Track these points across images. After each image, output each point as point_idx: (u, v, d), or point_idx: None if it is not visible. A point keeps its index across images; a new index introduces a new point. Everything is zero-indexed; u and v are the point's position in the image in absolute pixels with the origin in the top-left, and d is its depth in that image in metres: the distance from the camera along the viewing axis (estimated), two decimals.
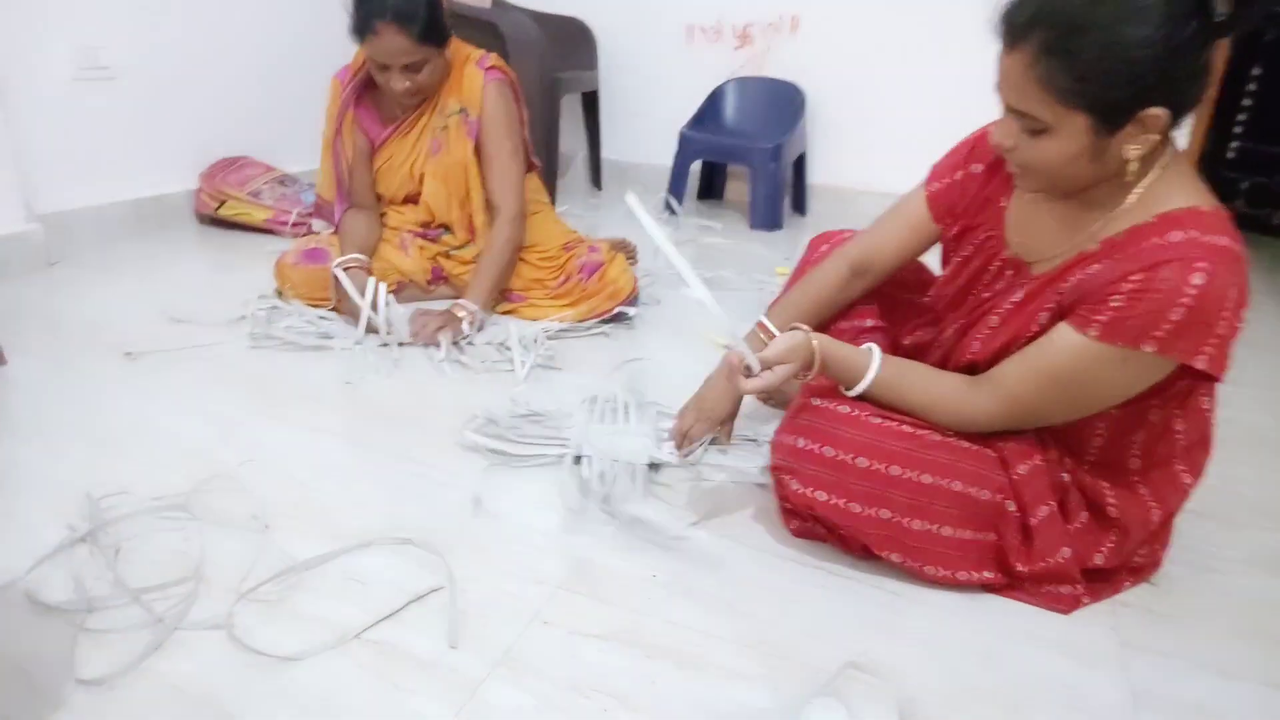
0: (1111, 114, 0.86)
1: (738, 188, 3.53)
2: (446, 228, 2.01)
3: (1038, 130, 0.89)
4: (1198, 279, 0.84)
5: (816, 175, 3.39)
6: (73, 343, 1.72)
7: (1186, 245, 0.86)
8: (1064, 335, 0.94)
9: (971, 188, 1.13)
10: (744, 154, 3.09)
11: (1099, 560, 1.05)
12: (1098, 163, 0.90)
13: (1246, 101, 3.41)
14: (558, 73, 3.10)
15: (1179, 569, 1.15)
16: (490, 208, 1.95)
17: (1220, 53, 2.70)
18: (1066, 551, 1.03)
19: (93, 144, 2.35)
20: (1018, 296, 1.03)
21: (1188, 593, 1.11)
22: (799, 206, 3.38)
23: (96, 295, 2.01)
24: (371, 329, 1.76)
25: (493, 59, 1.93)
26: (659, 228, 0.99)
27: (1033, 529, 1.03)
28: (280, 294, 1.94)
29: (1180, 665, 0.98)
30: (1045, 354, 0.96)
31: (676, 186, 3.17)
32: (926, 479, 1.01)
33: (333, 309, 1.87)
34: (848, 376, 1.07)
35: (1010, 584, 1.07)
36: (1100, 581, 1.08)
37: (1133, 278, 0.88)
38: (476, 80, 1.89)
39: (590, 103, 3.54)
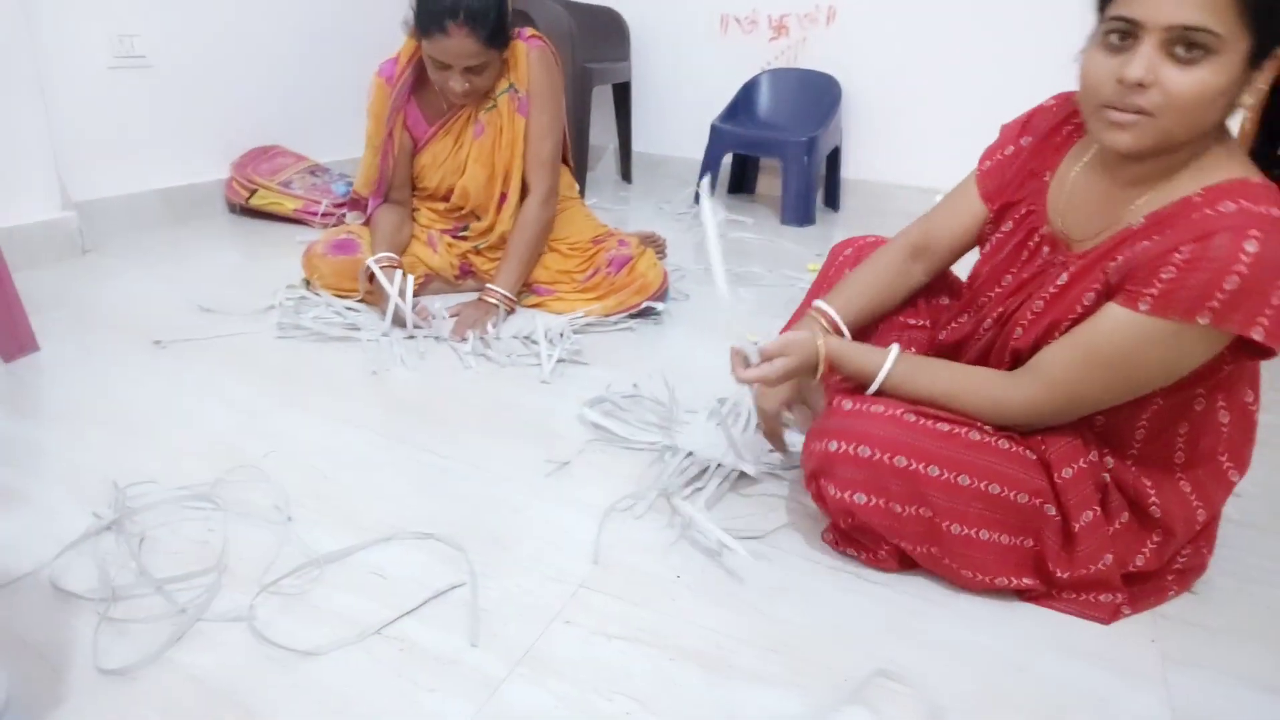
0: (1269, 43, 0.83)
1: (769, 182, 3.49)
2: (475, 215, 1.99)
3: (1192, 56, 0.82)
4: (1251, 246, 0.81)
5: (851, 170, 3.33)
6: (103, 330, 1.73)
7: (1238, 215, 0.83)
8: (1112, 314, 0.90)
9: (1017, 161, 1.09)
10: (776, 147, 3.04)
11: (1139, 562, 1.01)
12: (1228, 107, 0.87)
13: None
14: (589, 63, 3.07)
15: (1222, 579, 1.11)
16: (524, 187, 1.94)
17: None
18: (1109, 558, 0.99)
19: (127, 132, 2.37)
20: (1062, 280, 0.98)
21: (1231, 604, 1.07)
22: (832, 202, 3.33)
23: (127, 283, 2.02)
24: (399, 321, 1.76)
25: (530, 30, 1.92)
26: (715, 219, 1.02)
27: (1076, 535, 0.99)
28: (308, 284, 1.94)
29: (1223, 680, 0.94)
30: (1093, 335, 0.92)
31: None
32: (964, 480, 0.98)
33: (360, 300, 1.87)
34: (863, 375, 1.05)
35: (1048, 592, 1.04)
36: (1142, 587, 1.04)
37: (1184, 249, 0.84)
38: (522, 54, 1.87)
39: (622, 94, 3.51)
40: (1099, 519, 0.99)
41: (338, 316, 1.82)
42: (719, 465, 1.28)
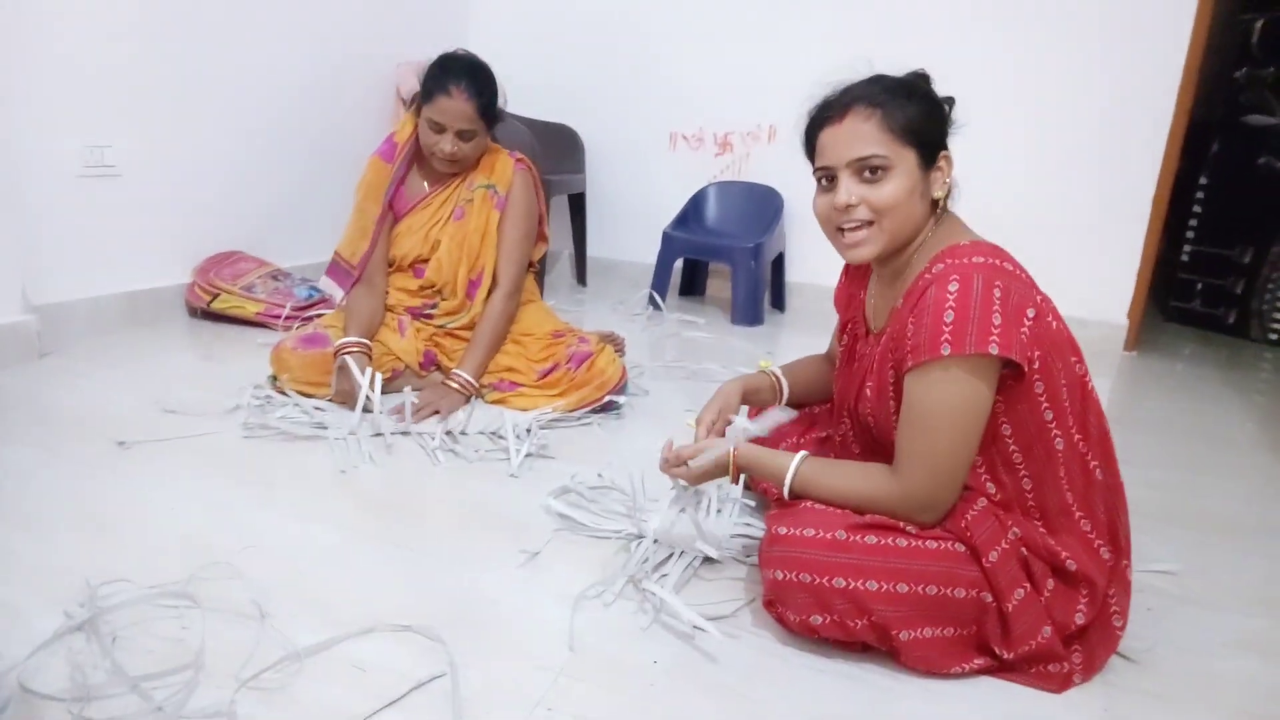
0: (930, 151, 1.12)
1: (719, 285, 3.65)
2: (442, 295, 2.10)
3: (877, 177, 1.10)
4: (953, 286, 1.03)
5: (795, 274, 3.51)
6: (64, 432, 1.72)
7: (945, 269, 1.06)
8: (907, 384, 1.09)
9: (844, 290, 1.39)
10: (725, 253, 3.20)
11: (1080, 620, 1.07)
12: (925, 199, 1.13)
13: (1196, 208, 3.62)
14: (548, 175, 3.22)
15: (1164, 649, 1.18)
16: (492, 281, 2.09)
17: (1170, 163, 2.89)
18: (1047, 630, 1.06)
19: (93, 238, 2.40)
20: (874, 358, 1.20)
21: (1176, 674, 1.13)
22: (778, 303, 3.49)
23: (88, 385, 2.02)
24: (368, 411, 1.80)
25: (521, 154, 2.13)
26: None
27: (1009, 615, 1.05)
28: (275, 382, 1.96)
29: None
30: (908, 409, 1.09)
31: (659, 283, 3.27)
32: (902, 588, 1.05)
33: (330, 399, 1.90)
34: (773, 479, 1.20)
35: (1001, 666, 1.09)
36: (1096, 638, 1.10)
37: (914, 311, 1.08)
38: (508, 166, 2.09)
39: (577, 203, 3.67)
40: (1030, 594, 1.06)
41: (305, 416, 1.84)
42: (682, 552, 1.32)
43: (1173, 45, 2.83)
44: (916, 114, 1.11)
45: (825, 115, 1.15)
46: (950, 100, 1.17)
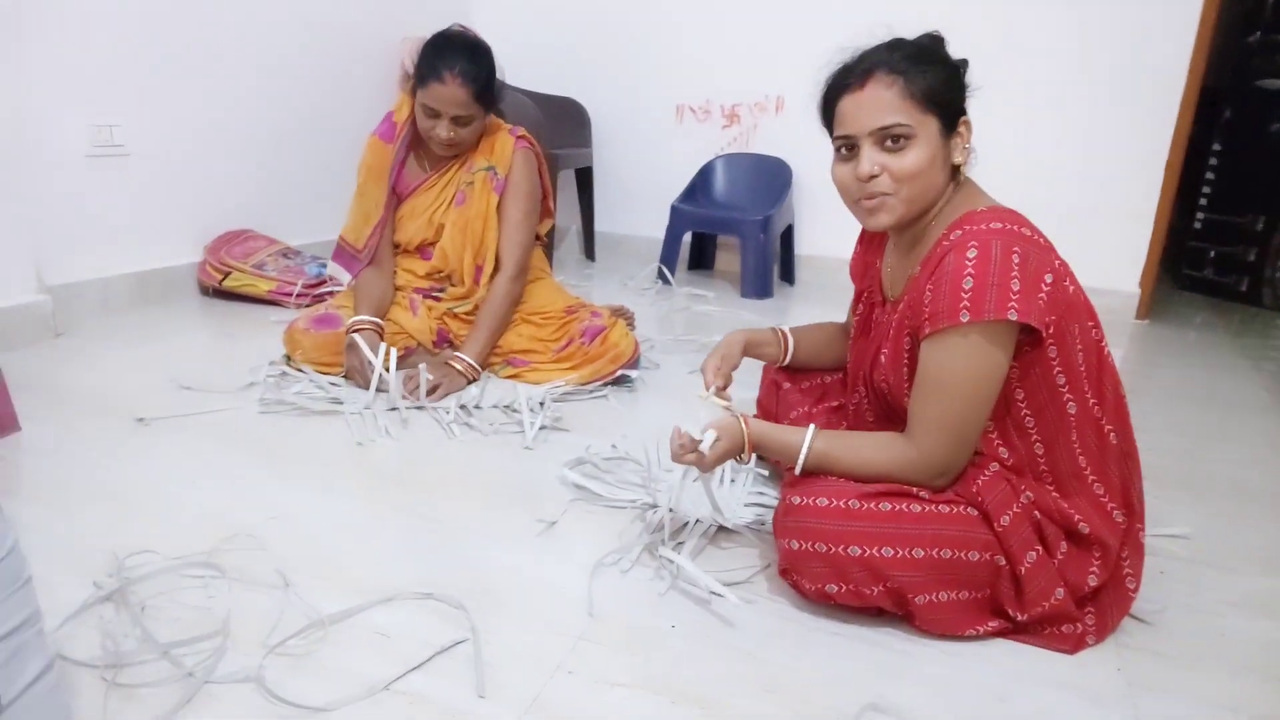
0: (951, 117, 1.11)
1: (727, 258, 3.64)
2: (451, 280, 2.10)
3: (899, 145, 1.09)
4: (971, 253, 1.03)
5: (804, 247, 3.51)
6: (83, 409, 1.74)
7: (963, 235, 1.06)
8: (924, 350, 1.09)
9: (859, 260, 1.39)
10: (734, 225, 3.20)
11: (1093, 581, 1.08)
12: (946, 166, 1.12)
13: (1209, 175, 3.59)
14: (555, 149, 3.22)
15: (1175, 611, 1.19)
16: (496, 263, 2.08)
17: (1182, 130, 2.86)
18: (1060, 592, 1.07)
19: (103, 218, 2.41)
20: (890, 325, 1.21)
21: (1189, 634, 1.14)
22: (787, 276, 3.48)
23: (104, 364, 2.03)
24: (381, 389, 1.81)
25: (522, 130, 2.10)
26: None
27: (1023, 578, 1.07)
28: (290, 360, 1.98)
29: (1187, 703, 1.01)
30: (924, 373, 1.09)
31: (668, 257, 3.27)
32: (918, 553, 1.06)
33: (344, 375, 1.91)
34: (786, 456, 1.18)
35: (1015, 629, 1.11)
36: (1109, 599, 1.11)
37: (932, 278, 1.07)
38: (508, 145, 2.06)
39: (584, 178, 3.66)
40: (1043, 557, 1.08)
41: (320, 391, 1.85)
42: (697, 520, 1.34)
43: (1185, 10, 2.80)
44: (937, 80, 1.09)
45: (845, 83, 1.13)
46: (964, 63, 1.16)
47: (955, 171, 1.15)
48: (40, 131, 2.20)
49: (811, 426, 1.18)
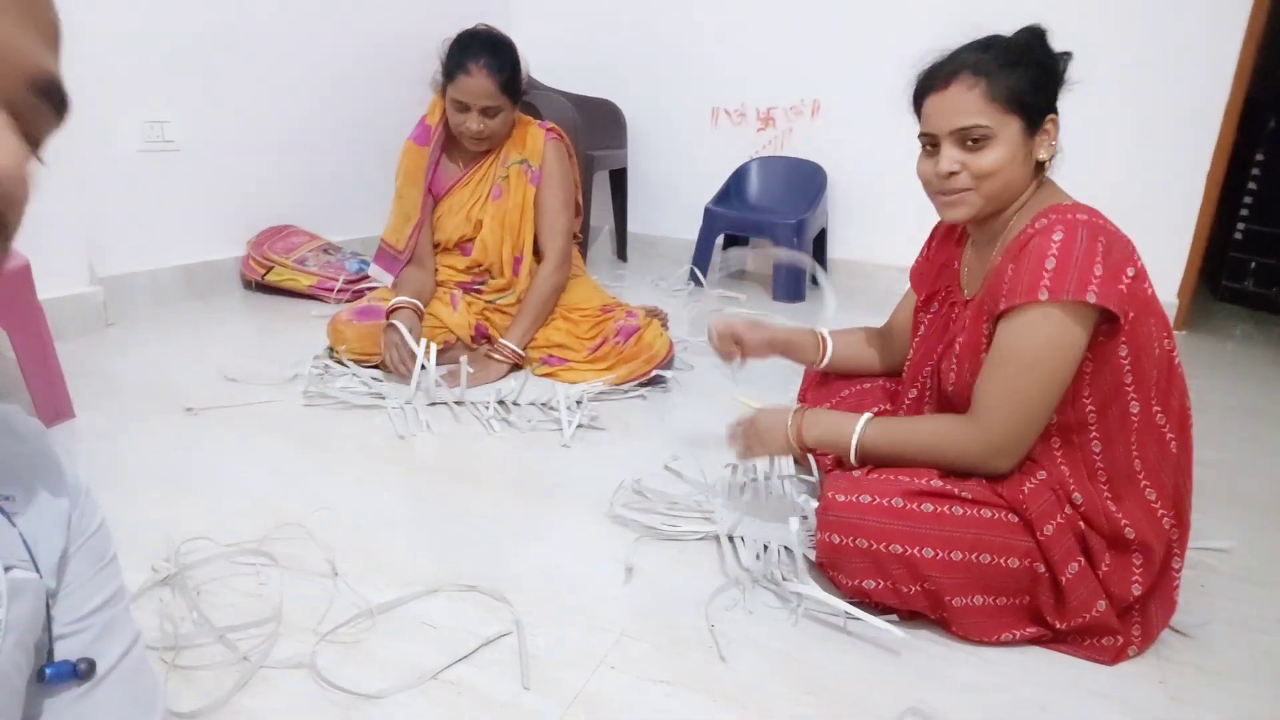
0: (1035, 117, 1.12)
1: (760, 261, 3.64)
2: (490, 273, 2.14)
3: (979, 145, 1.11)
4: (1057, 236, 1.04)
5: (838, 250, 3.50)
6: (134, 399, 1.79)
7: (1049, 223, 1.06)
8: (1000, 329, 1.09)
9: (931, 263, 1.38)
10: (767, 229, 3.20)
11: (1136, 590, 1.08)
12: (1028, 164, 1.14)
13: (1251, 185, 3.54)
14: (590, 150, 3.24)
15: (1219, 626, 1.18)
16: (537, 254, 2.13)
17: (1225, 140, 2.82)
18: (1102, 604, 1.07)
19: (153, 212, 2.47)
20: (967, 318, 1.20)
21: (1228, 650, 1.14)
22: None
23: (153, 354, 2.09)
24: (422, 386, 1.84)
25: (551, 124, 2.15)
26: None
27: (1064, 588, 1.07)
28: (333, 353, 2.02)
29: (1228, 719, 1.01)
30: (996, 352, 1.09)
31: (701, 259, 3.28)
32: (957, 555, 1.06)
33: (379, 364, 1.95)
34: (838, 437, 1.21)
35: (1054, 637, 1.11)
36: (1146, 622, 1.10)
37: (1015, 260, 1.08)
38: (539, 138, 2.11)
39: (618, 179, 3.68)
40: (1084, 569, 1.07)
41: (363, 386, 1.89)
42: (765, 546, 1.30)
43: (1230, 20, 2.76)
44: (1023, 81, 1.10)
45: (931, 83, 1.15)
46: (1067, 55, 1.14)
47: (1040, 168, 1.16)
48: (95, 128, 2.26)
49: (867, 414, 1.20)
